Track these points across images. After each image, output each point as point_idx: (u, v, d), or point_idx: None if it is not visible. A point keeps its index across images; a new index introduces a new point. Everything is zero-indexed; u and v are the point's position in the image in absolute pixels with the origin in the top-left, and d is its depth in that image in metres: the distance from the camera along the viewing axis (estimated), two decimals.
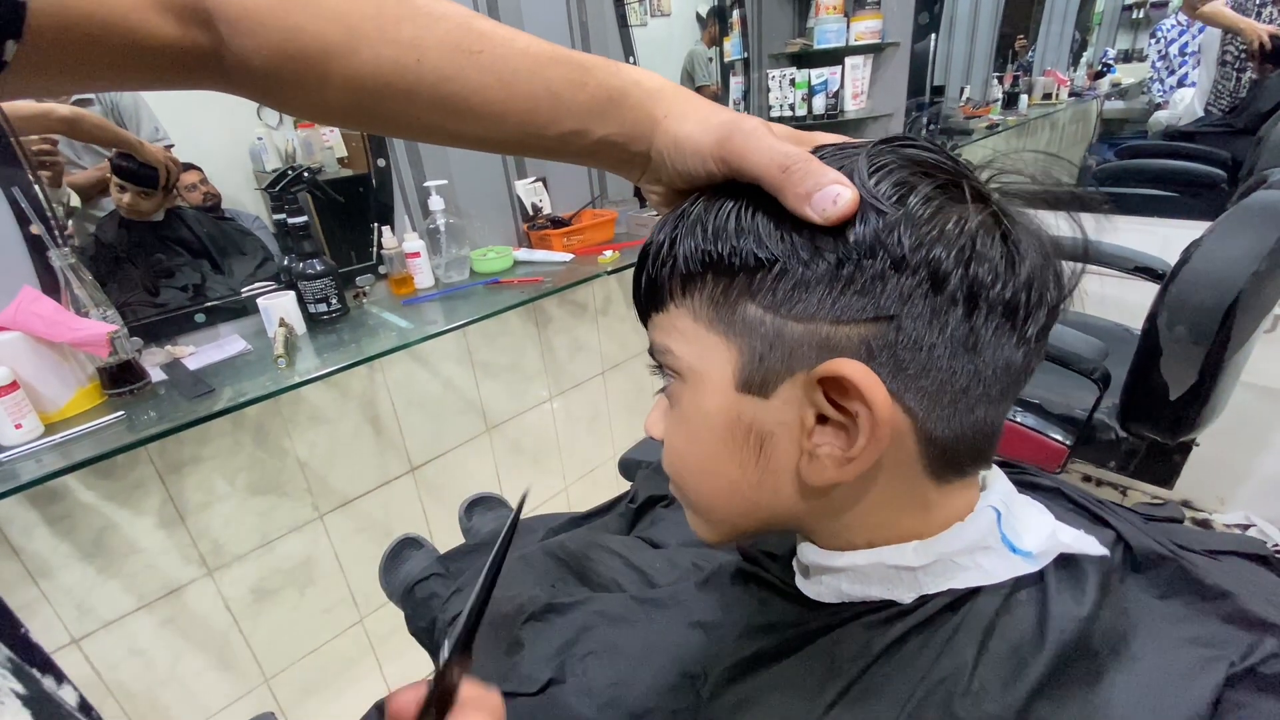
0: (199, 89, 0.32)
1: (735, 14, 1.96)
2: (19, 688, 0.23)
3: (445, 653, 0.30)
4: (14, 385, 0.82)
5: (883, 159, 0.29)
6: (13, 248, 0.92)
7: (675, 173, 0.34)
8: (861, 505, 0.32)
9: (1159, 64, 2.37)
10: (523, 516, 1.01)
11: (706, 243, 0.31)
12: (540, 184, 1.56)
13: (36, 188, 0.93)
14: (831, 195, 0.27)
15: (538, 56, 0.33)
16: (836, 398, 0.29)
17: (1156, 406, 1.00)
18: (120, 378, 0.92)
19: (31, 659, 0.33)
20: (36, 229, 0.91)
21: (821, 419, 0.30)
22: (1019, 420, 1.16)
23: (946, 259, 0.27)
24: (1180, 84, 2.30)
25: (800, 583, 0.37)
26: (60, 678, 0.35)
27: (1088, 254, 0.31)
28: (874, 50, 1.91)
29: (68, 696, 0.35)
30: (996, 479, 0.35)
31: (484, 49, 0.32)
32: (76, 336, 0.85)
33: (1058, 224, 0.30)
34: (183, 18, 0.29)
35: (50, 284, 0.92)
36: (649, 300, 0.35)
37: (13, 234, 0.92)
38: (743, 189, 0.31)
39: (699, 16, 1.95)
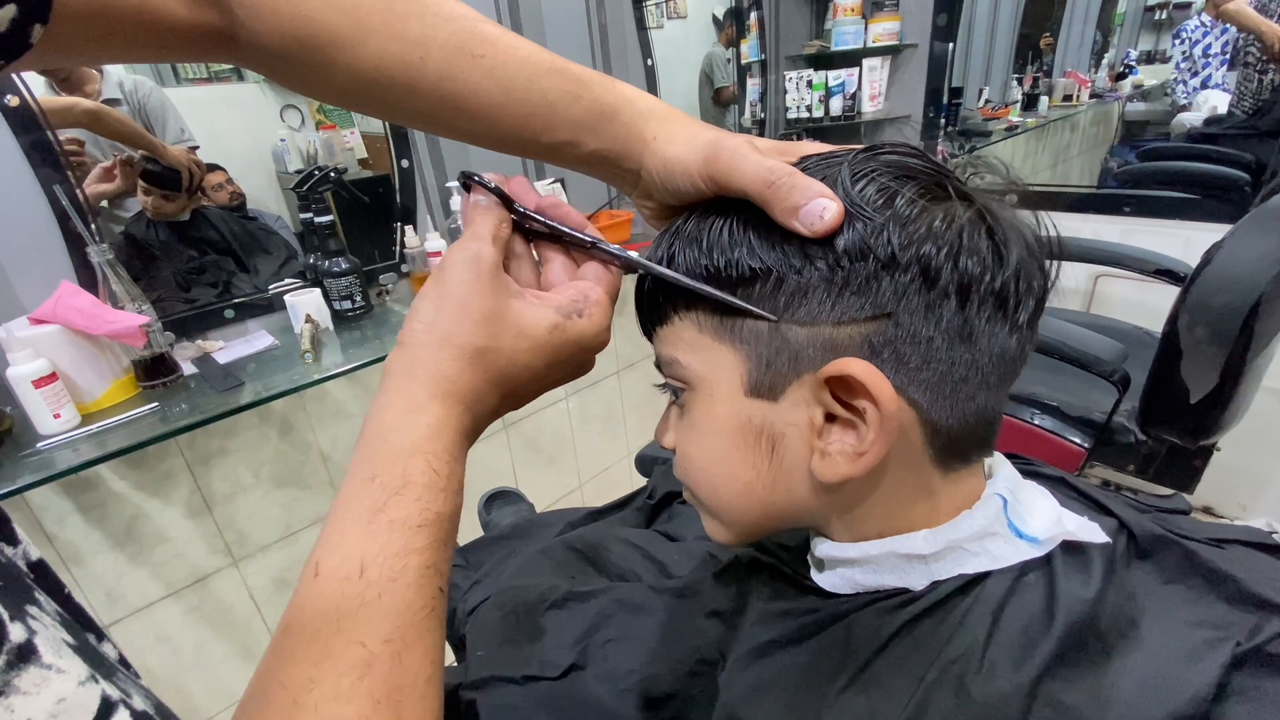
0: (212, 61, 0.35)
1: (753, 16, 1.96)
2: (69, 638, 0.25)
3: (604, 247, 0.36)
4: (53, 376, 0.85)
5: (865, 166, 0.31)
6: (53, 244, 0.95)
7: (665, 191, 0.35)
8: (873, 498, 0.33)
9: (1183, 65, 2.34)
10: (539, 511, 1.01)
11: (703, 256, 0.32)
12: (559, 185, 1.58)
13: (75, 186, 0.96)
14: (818, 209, 0.29)
15: (538, 66, 0.34)
16: (844, 396, 0.30)
17: (1177, 410, 1.00)
18: (154, 370, 0.95)
19: (74, 618, 0.35)
20: (75, 226, 0.94)
21: (830, 417, 0.31)
22: (1036, 422, 1.15)
23: (937, 255, 0.28)
24: (1204, 85, 2.26)
25: (815, 575, 0.38)
26: (101, 636, 0.37)
27: (1060, 244, 0.32)
28: (892, 52, 1.90)
29: (108, 652, 0.36)
30: (1002, 466, 0.36)
31: (487, 53, 0.33)
32: (113, 328, 0.88)
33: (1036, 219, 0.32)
34: (199, 0, 0.30)
35: (88, 279, 0.95)
36: (652, 315, 0.37)
37: (53, 231, 0.95)
38: (731, 203, 0.32)
39: (715, 19, 1.97)
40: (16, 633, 0.20)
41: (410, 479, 0.27)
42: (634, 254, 0.35)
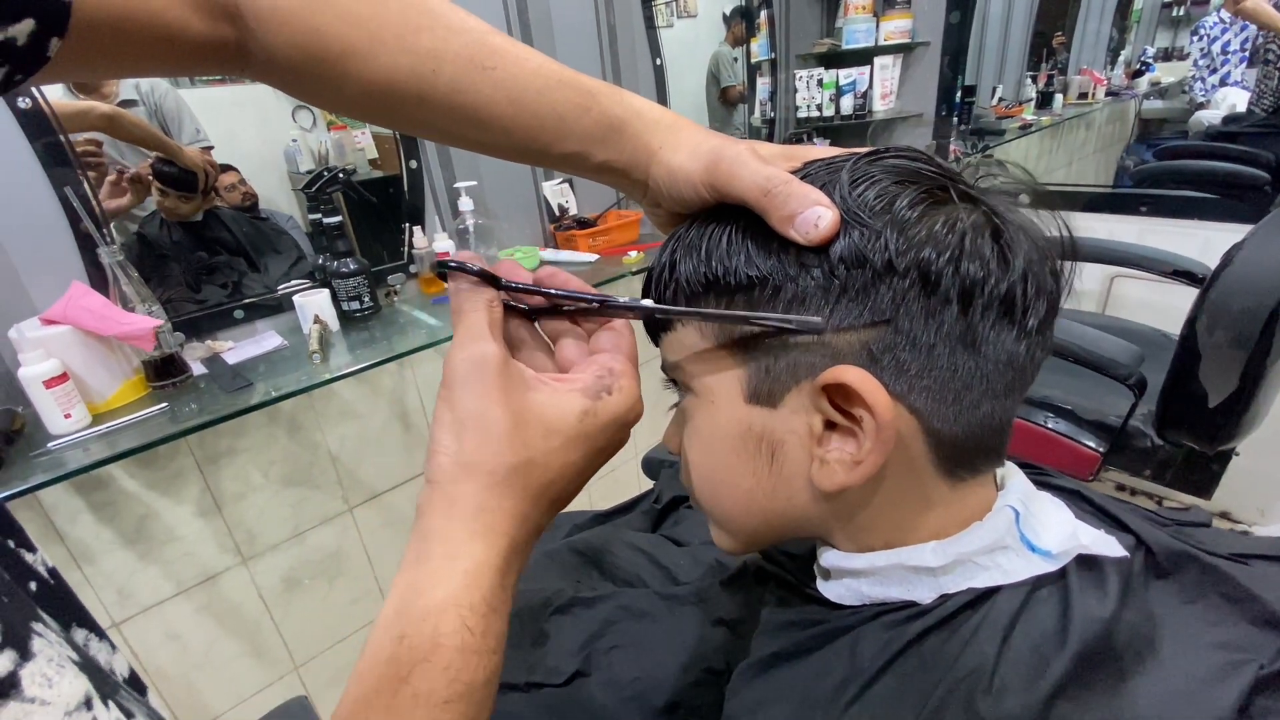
0: (224, 75, 0.35)
1: (763, 14, 1.95)
2: (74, 655, 0.24)
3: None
4: (64, 376, 0.86)
5: (865, 171, 0.30)
6: (64, 245, 0.96)
7: (672, 199, 0.35)
8: (873, 506, 0.33)
9: (1201, 62, 2.30)
10: None
11: (703, 264, 0.32)
12: (567, 185, 1.58)
13: (86, 187, 0.97)
14: (813, 218, 0.28)
15: (548, 78, 0.34)
16: (841, 403, 0.30)
17: (1194, 414, 0.98)
18: (164, 371, 0.96)
19: (90, 627, 0.35)
20: (86, 227, 0.95)
21: (831, 425, 0.31)
22: (1050, 426, 1.14)
23: (937, 260, 0.28)
24: (1223, 83, 2.23)
25: (821, 585, 0.38)
26: (113, 647, 0.37)
27: (1075, 246, 0.31)
28: (904, 50, 1.88)
29: (119, 667, 0.36)
30: (1014, 477, 0.35)
31: (497, 66, 0.33)
32: (124, 330, 0.89)
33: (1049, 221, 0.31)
34: (214, 14, 0.31)
35: (99, 280, 0.96)
36: (657, 321, 0.37)
37: (64, 232, 0.96)
38: (733, 211, 0.32)
39: (725, 17, 1.95)
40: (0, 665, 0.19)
41: (440, 641, 0.25)
42: (647, 302, 0.34)
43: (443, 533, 0.27)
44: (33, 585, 0.30)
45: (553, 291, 0.33)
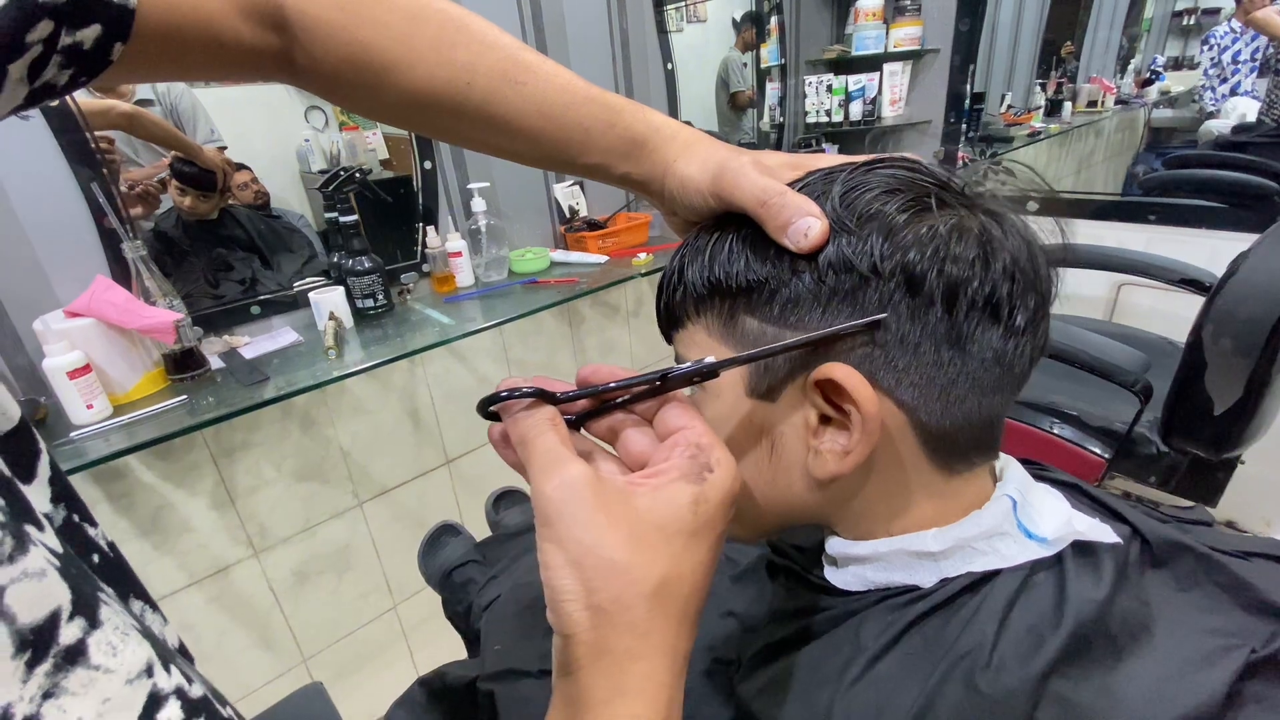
0: (268, 82, 0.38)
1: (773, 20, 1.97)
2: (136, 623, 0.26)
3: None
4: (87, 368, 0.88)
5: (858, 180, 0.32)
6: (88, 239, 0.98)
7: (684, 207, 0.38)
8: (865, 494, 0.35)
9: (1211, 72, 2.30)
10: None
11: (706, 269, 0.35)
12: (578, 187, 1.59)
13: (109, 183, 0.99)
14: (804, 227, 0.31)
15: (575, 94, 0.37)
16: (833, 397, 0.32)
17: (1200, 421, 0.98)
18: (183, 364, 0.98)
19: (145, 600, 0.37)
20: (110, 222, 0.97)
21: (825, 419, 0.33)
22: (1055, 431, 1.14)
23: (920, 262, 0.30)
24: (1233, 92, 2.23)
25: (829, 573, 0.39)
26: (165, 620, 0.38)
27: (1069, 252, 0.33)
28: (913, 57, 1.89)
29: (170, 640, 0.38)
30: (1011, 468, 0.37)
31: (528, 81, 0.36)
32: (145, 324, 0.91)
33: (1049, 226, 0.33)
34: (263, 24, 0.33)
35: (121, 274, 0.98)
36: (669, 321, 0.39)
37: (88, 226, 0.98)
38: (736, 219, 0.34)
39: (735, 23, 1.97)
40: (68, 634, 0.20)
41: None
42: (710, 358, 0.30)
43: (593, 695, 0.24)
44: (95, 558, 0.32)
45: (613, 385, 0.30)
